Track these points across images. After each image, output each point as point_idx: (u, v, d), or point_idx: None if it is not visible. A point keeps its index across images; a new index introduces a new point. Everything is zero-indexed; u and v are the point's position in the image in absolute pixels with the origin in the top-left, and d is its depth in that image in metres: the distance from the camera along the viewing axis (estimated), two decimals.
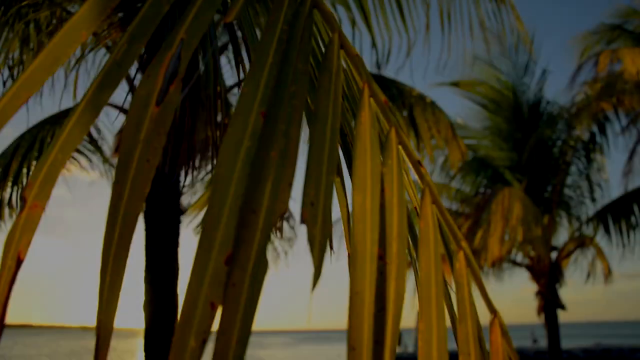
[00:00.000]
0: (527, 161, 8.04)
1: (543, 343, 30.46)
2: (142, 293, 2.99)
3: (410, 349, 27.82)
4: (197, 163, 3.08)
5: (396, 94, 4.32)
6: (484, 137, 8.51)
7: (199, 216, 5.59)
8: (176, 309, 2.98)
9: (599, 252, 7.49)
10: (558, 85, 10.24)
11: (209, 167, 4.70)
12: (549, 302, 7.38)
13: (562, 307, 7.36)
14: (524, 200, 6.52)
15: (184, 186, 3.29)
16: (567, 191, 7.96)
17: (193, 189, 5.20)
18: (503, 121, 8.37)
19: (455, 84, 8.32)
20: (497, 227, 6.31)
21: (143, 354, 2.89)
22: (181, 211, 3.17)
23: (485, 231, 6.54)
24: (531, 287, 7.73)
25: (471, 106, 8.53)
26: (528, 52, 8.17)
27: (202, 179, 5.23)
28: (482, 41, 8.45)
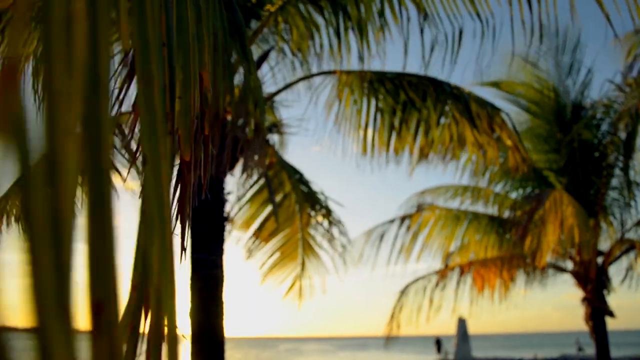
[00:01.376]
0: (570, 164, 7.83)
1: (589, 351, 29.57)
2: (188, 299, 3.03)
3: (451, 356, 27.35)
4: (241, 171, 3.12)
5: (448, 91, 4.23)
6: (525, 139, 8.33)
7: (247, 233, 5.60)
8: (222, 314, 3.02)
9: None
10: (601, 86, 9.93)
11: (254, 176, 4.71)
12: (596, 309, 7.16)
13: (611, 314, 7.12)
14: (573, 203, 6.35)
15: (228, 193, 3.33)
16: (612, 193, 7.72)
17: (238, 199, 5.23)
18: (544, 123, 8.19)
19: (495, 85, 8.17)
20: (552, 230, 6.16)
21: (190, 358, 2.93)
22: (226, 218, 3.20)
23: (536, 235, 6.38)
24: (575, 293, 7.52)
25: (510, 108, 8.38)
26: (573, 51, 7.96)
27: (248, 190, 5.25)
28: (525, 40, 8.30)
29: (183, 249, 0.84)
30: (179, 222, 0.86)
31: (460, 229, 8.00)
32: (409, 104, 4.16)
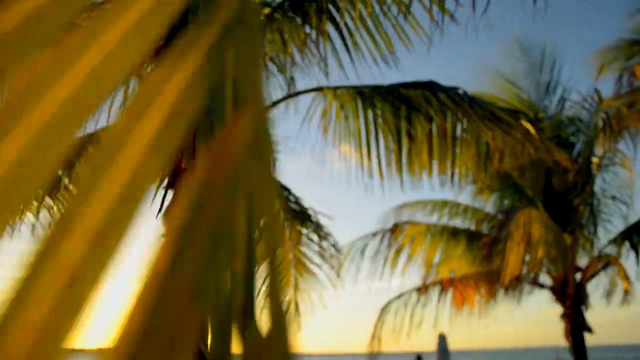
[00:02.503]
0: (546, 181, 7.94)
1: None
2: None
3: None
4: None
5: (455, 97, 3.93)
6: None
7: None
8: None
9: (621, 272, 7.33)
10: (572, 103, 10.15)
11: None
12: (575, 325, 7.22)
13: (590, 330, 7.18)
14: (545, 220, 6.43)
15: None
16: (589, 209, 7.84)
17: None
18: None
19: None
20: (516, 246, 6.21)
21: None
22: None
23: (503, 250, 6.44)
24: (553, 308, 7.57)
25: None
26: (551, 70, 8.13)
27: None
28: (505, 57, 8.41)
29: None
30: None
31: (441, 245, 8.03)
32: (415, 119, 3.93)
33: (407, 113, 3.99)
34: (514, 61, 8.41)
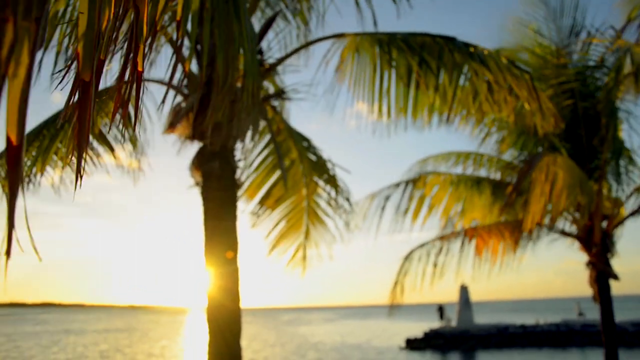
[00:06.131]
0: (573, 128, 7.81)
1: (589, 316, 29.90)
2: (202, 268, 3.04)
3: (453, 323, 27.69)
4: (249, 137, 3.09)
5: (462, 46, 3.94)
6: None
7: (253, 202, 5.51)
8: (238, 281, 3.04)
9: None
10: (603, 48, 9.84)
11: (262, 143, 4.64)
12: (601, 273, 7.23)
13: (616, 277, 7.19)
14: (570, 167, 6.35)
15: (239, 160, 3.33)
16: (614, 156, 7.73)
17: (247, 164, 5.16)
18: (547, 87, 8.12)
19: (497, 52, 8.09)
20: (540, 193, 6.16)
21: (207, 325, 2.96)
22: (237, 185, 3.20)
23: (527, 197, 6.39)
24: (576, 259, 7.57)
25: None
26: (573, 13, 7.89)
27: (255, 157, 5.18)
28: (524, 4, 8.21)
29: (79, 174, 0.83)
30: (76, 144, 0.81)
31: (465, 194, 8.01)
32: (424, 66, 3.91)
33: (418, 63, 3.99)
34: (534, 8, 8.18)
